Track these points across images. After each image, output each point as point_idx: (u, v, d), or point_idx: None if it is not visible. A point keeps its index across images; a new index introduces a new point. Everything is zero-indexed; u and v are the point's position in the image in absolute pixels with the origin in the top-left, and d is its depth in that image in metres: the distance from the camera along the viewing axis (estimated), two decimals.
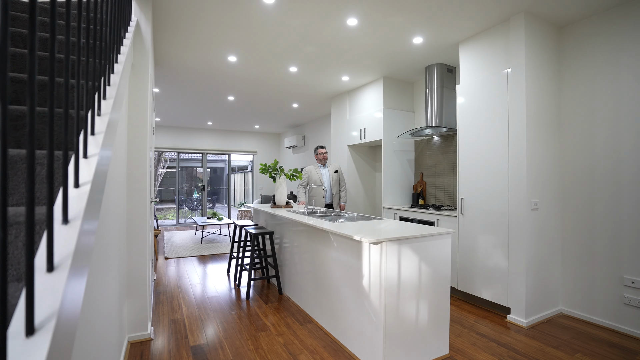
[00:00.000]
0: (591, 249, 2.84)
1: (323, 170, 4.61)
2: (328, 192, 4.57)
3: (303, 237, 3.09)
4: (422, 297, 2.15)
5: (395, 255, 2.03)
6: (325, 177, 4.58)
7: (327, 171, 4.63)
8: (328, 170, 4.64)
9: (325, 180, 4.57)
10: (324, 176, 4.58)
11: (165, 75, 4.55)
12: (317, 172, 4.57)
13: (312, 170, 4.61)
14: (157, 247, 5.99)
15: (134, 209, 2.42)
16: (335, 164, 4.81)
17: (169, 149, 8.76)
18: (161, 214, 11.74)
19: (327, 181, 4.58)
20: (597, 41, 2.81)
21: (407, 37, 3.33)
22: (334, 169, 4.66)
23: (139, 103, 2.45)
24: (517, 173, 2.83)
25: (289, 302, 3.28)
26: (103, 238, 1.40)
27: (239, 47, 3.58)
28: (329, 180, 4.59)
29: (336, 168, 4.68)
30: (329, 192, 4.57)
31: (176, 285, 3.81)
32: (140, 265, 2.46)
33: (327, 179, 4.59)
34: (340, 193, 4.67)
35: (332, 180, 4.59)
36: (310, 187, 4.27)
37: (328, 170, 4.64)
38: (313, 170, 4.60)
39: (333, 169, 4.65)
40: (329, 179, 4.59)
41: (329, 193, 4.58)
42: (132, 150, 2.42)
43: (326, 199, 4.58)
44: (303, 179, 4.55)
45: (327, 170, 4.64)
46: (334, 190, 4.59)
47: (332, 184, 4.59)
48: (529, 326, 2.74)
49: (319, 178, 4.53)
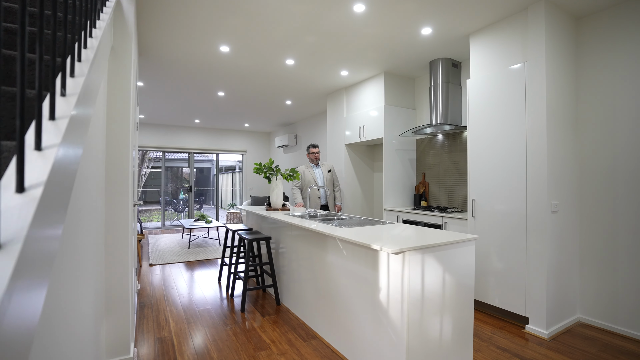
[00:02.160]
0: (614, 253, 2.67)
1: (316, 170, 4.46)
2: (323, 193, 4.44)
3: (304, 243, 2.82)
4: (446, 312, 1.91)
5: (419, 266, 1.78)
6: (319, 177, 4.44)
7: (320, 171, 4.48)
8: (321, 170, 4.48)
9: (320, 181, 4.43)
10: (318, 176, 4.43)
11: (150, 67, 4.20)
12: (310, 172, 4.41)
13: (305, 170, 4.44)
14: (141, 252, 5.60)
15: (114, 213, 2.10)
16: (327, 163, 4.62)
17: (153, 148, 8.33)
18: (145, 216, 11.24)
19: (321, 181, 4.44)
20: (618, 33, 2.65)
21: (415, 28, 3.10)
22: (327, 169, 4.50)
23: (120, 94, 2.13)
24: (536, 173, 2.63)
25: (289, 314, 3.01)
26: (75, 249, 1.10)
27: (232, 35, 3.28)
28: (323, 181, 4.44)
29: (329, 167, 4.52)
30: (323, 192, 4.44)
31: (162, 296, 3.47)
32: (121, 277, 2.13)
33: (321, 179, 4.44)
34: (335, 193, 4.53)
35: (326, 180, 4.45)
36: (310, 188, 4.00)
37: (321, 170, 4.48)
38: (306, 171, 4.43)
39: (326, 169, 4.49)
40: (323, 179, 4.45)
41: (323, 194, 4.44)
42: (112, 148, 2.10)
43: (321, 200, 4.43)
44: (298, 180, 4.39)
45: (320, 170, 4.48)
46: (328, 190, 4.45)
47: (327, 184, 4.45)
48: (550, 337, 2.55)
49: (313, 178, 4.37)
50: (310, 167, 4.45)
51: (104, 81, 1.94)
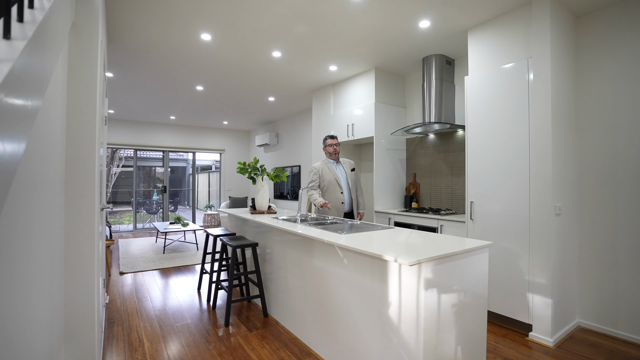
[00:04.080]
0: (614, 255, 2.61)
1: (337, 167, 3.43)
2: (347, 197, 3.38)
3: (295, 250, 2.58)
4: (461, 327, 1.74)
5: (435, 278, 1.59)
6: (342, 177, 3.41)
7: (343, 169, 3.44)
8: (343, 168, 3.45)
9: (343, 181, 3.39)
10: (340, 176, 3.40)
11: (121, 55, 3.80)
12: (331, 169, 3.39)
13: (324, 167, 3.41)
14: (110, 259, 5.14)
15: (76, 219, 1.78)
16: (348, 160, 3.58)
17: (124, 146, 7.77)
18: (115, 218, 10.56)
19: (345, 182, 3.40)
20: (619, 32, 2.59)
21: (414, 20, 2.93)
22: (350, 167, 3.49)
23: (83, 81, 1.80)
24: (540, 174, 2.53)
25: (278, 327, 2.75)
26: (22, 265, 0.81)
27: (215, 21, 2.98)
28: (346, 182, 3.40)
29: (352, 165, 3.52)
30: (347, 197, 3.39)
31: (134, 310, 3.12)
32: (85, 294, 1.81)
33: (344, 180, 3.41)
34: (359, 199, 3.54)
35: (350, 182, 3.42)
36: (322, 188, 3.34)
37: (343, 168, 3.45)
38: (325, 168, 3.41)
39: (349, 167, 3.48)
40: (346, 179, 3.41)
41: (347, 198, 3.39)
42: (74, 144, 1.77)
43: (345, 207, 3.38)
44: (312, 179, 3.43)
45: (342, 168, 3.45)
46: (353, 194, 3.43)
47: (351, 186, 3.42)
48: (555, 345, 2.44)
49: (335, 178, 3.38)
50: (330, 164, 3.43)
51: (62, 64, 1.62)
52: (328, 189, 3.38)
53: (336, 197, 3.37)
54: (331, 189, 3.37)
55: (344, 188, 3.39)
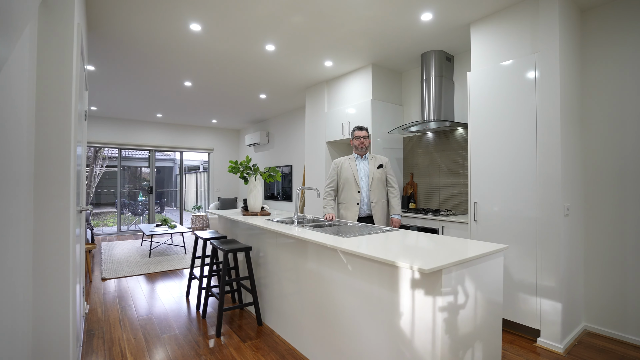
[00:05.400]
0: (621, 256, 2.53)
1: (360, 163, 3.04)
2: (365, 198, 2.97)
3: (292, 254, 2.41)
4: (477, 338, 1.60)
5: (453, 285, 1.45)
6: (363, 174, 2.99)
7: (366, 165, 3.03)
8: (368, 164, 3.03)
9: (363, 179, 2.98)
10: (362, 172, 3.00)
11: (104, 47, 3.56)
12: (352, 165, 3.02)
13: (344, 163, 3.06)
14: (91, 264, 4.87)
15: (48, 222, 1.57)
16: (381, 157, 3.09)
17: (108, 145, 7.44)
18: (98, 220, 10.16)
19: (365, 180, 2.99)
20: (625, 28, 2.51)
21: (416, 12, 2.80)
22: (378, 163, 3.03)
23: (56, 69, 1.60)
24: (548, 173, 2.42)
25: (273, 336, 2.57)
26: None
27: (207, 10, 2.79)
28: (367, 180, 2.98)
29: (381, 161, 3.04)
30: (366, 197, 2.97)
31: (117, 320, 2.89)
32: (58, 305, 1.60)
33: (366, 177, 2.99)
34: (391, 200, 3.03)
35: (372, 180, 2.96)
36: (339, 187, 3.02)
37: (368, 164, 3.03)
38: (345, 163, 3.05)
39: (376, 163, 3.02)
40: (367, 177, 2.99)
41: (366, 199, 2.97)
42: (46, 140, 1.56)
43: (362, 208, 2.97)
44: (330, 177, 3.09)
45: (367, 164, 3.03)
46: (373, 195, 2.95)
47: (372, 186, 2.96)
48: (565, 352, 2.34)
49: (353, 175, 3.00)
50: (353, 159, 3.05)
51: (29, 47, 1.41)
52: (344, 187, 3.01)
53: (352, 196, 2.97)
54: (347, 188, 3.00)
55: (363, 187, 2.96)
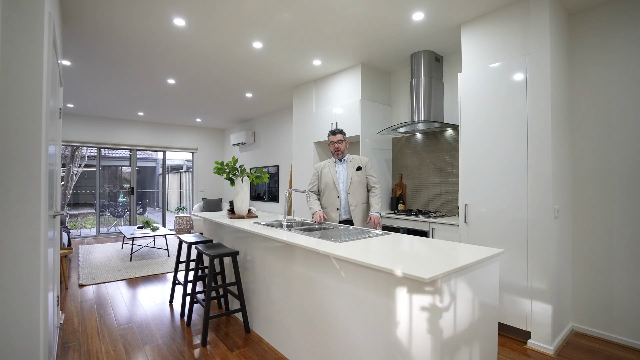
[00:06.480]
0: (608, 257, 2.57)
1: (340, 167, 3.03)
2: (343, 202, 2.97)
3: (281, 258, 2.32)
4: (474, 343, 1.56)
5: (452, 293, 1.40)
6: (342, 177, 3.00)
7: (345, 169, 3.02)
8: (346, 167, 3.02)
9: (341, 184, 2.99)
10: (340, 176, 3.01)
11: (81, 40, 3.38)
12: (331, 170, 3.03)
13: (325, 167, 3.07)
14: (68, 270, 4.63)
15: (13, 228, 1.43)
16: (359, 158, 3.06)
17: (86, 144, 7.14)
18: (76, 222, 9.76)
19: (344, 185, 2.99)
20: (612, 31, 2.54)
21: (407, 11, 2.76)
22: (356, 165, 3.00)
23: (23, 62, 1.46)
24: (539, 175, 2.43)
25: (262, 344, 2.48)
26: None
27: (191, 4, 2.67)
28: (346, 184, 2.98)
29: (360, 163, 3.01)
30: (343, 200, 2.97)
31: (95, 330, 2.73)
32: (26, 317, 1.46)
33: (344, 182, 2.99)
34: (371, 200, 2.98)
35: (350, 184, 2.95)
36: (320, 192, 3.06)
37: (346, 167, 3.02)
38: (325, 167, 3.07)
39: (354, 166, 3.00)
40: (346, 180, 2.99)
41: (344, 202, 2.97)
42: (11, 139, 1.43)
43: (341, 212, 2.97)
44: (312, 182, 3.14)
45: (345, 168, 3.02)
46: (352, 198, 2.94)
47: (351, 190, 2.95)
48: (555, 353, 2.35)
49: (333, 180, 3.00)
50: (332, 163, 3.06)
51: None
52: (325, 192, 3.04)
53: (332, 202, 3.00)
54: (327, 193, 3.03)
55: (341, 191, 2.97)
